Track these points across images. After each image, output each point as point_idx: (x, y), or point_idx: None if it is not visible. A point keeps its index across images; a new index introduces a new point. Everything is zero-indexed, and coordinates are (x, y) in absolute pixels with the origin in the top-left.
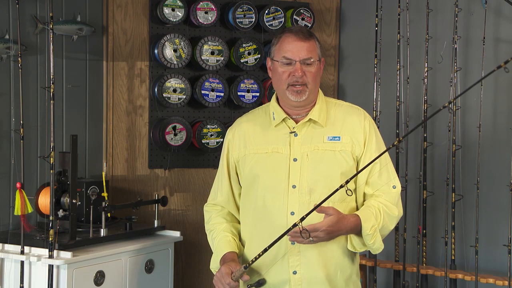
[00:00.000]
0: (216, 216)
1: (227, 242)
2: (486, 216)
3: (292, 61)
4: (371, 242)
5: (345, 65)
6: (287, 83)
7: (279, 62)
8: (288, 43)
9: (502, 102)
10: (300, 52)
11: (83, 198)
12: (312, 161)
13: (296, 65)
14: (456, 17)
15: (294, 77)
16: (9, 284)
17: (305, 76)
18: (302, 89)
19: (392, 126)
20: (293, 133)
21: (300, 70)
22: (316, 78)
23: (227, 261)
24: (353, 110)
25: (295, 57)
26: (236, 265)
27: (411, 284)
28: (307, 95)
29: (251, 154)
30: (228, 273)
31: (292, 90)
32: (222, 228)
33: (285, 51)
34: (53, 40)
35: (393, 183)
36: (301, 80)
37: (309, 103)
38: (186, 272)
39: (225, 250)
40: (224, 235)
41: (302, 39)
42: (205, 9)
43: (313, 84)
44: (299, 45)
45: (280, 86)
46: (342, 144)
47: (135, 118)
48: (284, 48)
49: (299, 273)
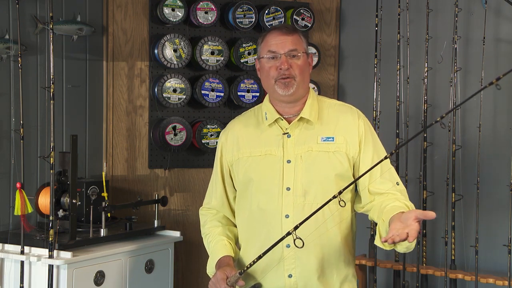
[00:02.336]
0: (212, 219)
1: (223, 246)
2: (486, 216)
3: (277, 54)
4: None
5: (345, 65)
6: (275, 77)
7: (265, 58)
8: (272, 38)
9: (502, 102)
10: (285, 45)
11: (83, 198)
12: (306, 162)
13: (281, 58)
14: (456, 17)
15: (281, 70)
16: (9, 284)
17: (292, 69)
18: (289, 81)
19: (392, 126)
20: (286, 134)
21: (286, 63)
22: (303, 72)
23: (222, 265)
24: (346, 109)
25: (280, 50)
26: (231, 270)
27: (411, 284)
28: (295, 88)
29: (245, 157)
30: (223, 279)
31: (280, 83)
32: (218, 232)
33: (270, 45)
34: (53, 40)
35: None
36: (287, 72)
37: (298, 98)
38: (186, 272)
39: (220, 254)
40: (220, 239)
41: (285, 33)
42: (205, 9)
43: (300, 78)
44: (283, 38)
45: (269, 82)
46: (336, 145)
47: (135, 118)
48: (268, 43)
49: (294, 277)
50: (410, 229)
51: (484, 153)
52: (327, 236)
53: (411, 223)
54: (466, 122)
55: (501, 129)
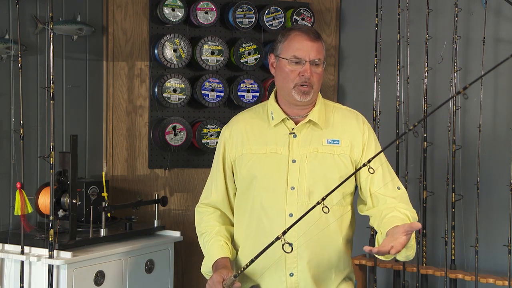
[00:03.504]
0: (208, 218)
1: (220, 247)
2: (486, 216)
3: (302, 60)
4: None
5: (345, 65)
6: (295, 82)
7: (288, 60)
8: (298, 41)
9: (502, 102)
10: (311, 52)
11: (83, 198)
12: (311, 163)
13: (306, 65)
14: (456, 17)
15: (303, 77)
16: (9, 284)
17: (312, 78)
18: (308, 90)
19: (392, 126)
20: (292, 134)
21: (310, 71)
22: (320, 80)
23: (219, 267)
24: (351, 114)
25: (306, 57)
26: (228, 272)
27: (411, 284)
28: (311, 96)
29: (249, 153)
30: (219, 281)
31: (299, 90)
32: (215, 231)
33: (295, 50)
34: (53, 40)
35: (397, 185)
36: (309, 81)
37: (311, 103)
38: (186, 272)
39: (217, 256)
40: (217, 239)
41: (312, 39)
42: (205, 9)
43: (317, 86)
44: (310, 45)
45: (286, 84)
46: (341, 147)
47: (135, 118)
48: (293, 47)
49: (296, 275)
50: (395, 243)
51: (484, 153)
52: (328, 235)
53: (399, 237)
54: (466, 122)
55: (501, 129)
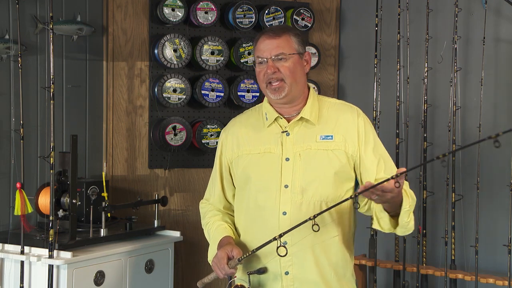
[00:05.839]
0: (211, 209)
1: (223, 230)
2: (486, 216)
3: (263, 59)
4: (408, 219)
5: (345, 65)
6: (265, 82)
7: (255, 62)
8: (260, 42)
9: (502, 102)
10: (271, 50)
11: (83, 198)
12: (305, 160)
13: (268, 62)
14: (456, 17)
15: (267, 74)
16: (9, 284)
17: (279, 72)
18: (279, 85)
19: (392, 126)
20: (285, 133)
21: (272, 67)
22: (294, 73)
23: (223, 244)
24: (346, 108)
25: (265, 55)
26: (232, 248)
27: (411, 284)
28: (286, 91)
29: (244, 155)
30: (223, 257)
31: (270, 88)
32: (217, 219)
33: (258, 51)
34: (53, 40)
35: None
36: (274, 76)
37: (294, 98)
38: (186, 272)
39: (221, 236)
40: (219, 224)
41: (272, 37)
42: (205, 9)
43: (291, 79)
44: (269, 42)
45: (261, 85)
46: (335, 143)
47: (135, 118)
48: (257, 48)
49: (291, 274)
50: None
51: (484, 153)
52: (325, 234)
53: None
54: (466, 122)
55: (501, 129)
